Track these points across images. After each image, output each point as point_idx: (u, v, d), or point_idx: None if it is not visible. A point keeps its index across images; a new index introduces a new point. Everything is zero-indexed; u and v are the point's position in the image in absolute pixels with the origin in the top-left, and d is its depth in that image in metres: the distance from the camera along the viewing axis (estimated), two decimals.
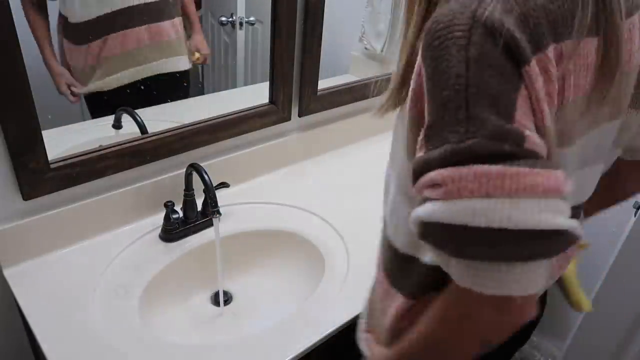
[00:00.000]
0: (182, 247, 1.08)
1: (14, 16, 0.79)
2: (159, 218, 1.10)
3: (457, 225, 0.45)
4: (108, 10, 1.02)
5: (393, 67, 0.63)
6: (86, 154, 0.99)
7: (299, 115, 1.35)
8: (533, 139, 0.45)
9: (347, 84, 1.44)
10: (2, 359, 1.10)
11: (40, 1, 0.97)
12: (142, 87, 1.14)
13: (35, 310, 0.89)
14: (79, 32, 1.02)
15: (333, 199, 1.26)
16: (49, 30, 0.99)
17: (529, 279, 0.45)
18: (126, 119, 1.14)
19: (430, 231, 0.48)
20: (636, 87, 0.62)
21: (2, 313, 1.04)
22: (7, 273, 0.96)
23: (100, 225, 1.07)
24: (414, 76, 0.54)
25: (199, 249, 1.09)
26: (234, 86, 1.45)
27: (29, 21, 0.96)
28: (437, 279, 0.56)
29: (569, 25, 0.49)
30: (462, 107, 0.45)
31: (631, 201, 1.38)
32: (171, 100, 1.20)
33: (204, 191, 1.02)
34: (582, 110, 0.54)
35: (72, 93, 1.03)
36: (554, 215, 0.44)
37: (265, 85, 1.27)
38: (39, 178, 0.93)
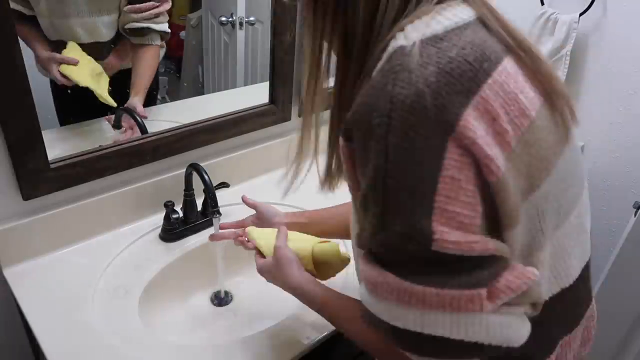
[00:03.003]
0: (182, 247, 1.08)
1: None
2: (159, 218, 1.10)
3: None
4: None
5: None
6: (86, 154, 0.99)
7: (299, 115, 1.35)
8: (445, 239, 0.45)
9: None
10: (2, 358, 1.10)
11: (26, 16, 0.97)
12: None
13: (35, 310, 0.89)
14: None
15: (333, 199, 1.26)
16: (34, 29, 1.00)
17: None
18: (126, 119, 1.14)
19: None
20: None
21: (2, 313, 1.04)
22: (7, 273, 0.96)
23: (100, 225, 1.07)
24: (343, 158, 0.53)
25: (199, 249, 1.09)
26: (234, 86, 1.45)
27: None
28: None
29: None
30: (379, 200, 0.47)
31: (631, 201, 1.38)
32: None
33: (204, 191, 1.02)
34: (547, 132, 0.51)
35: (62, 75, 1.03)
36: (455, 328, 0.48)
37: (265, 85, 1.27)
38: (39, 178, 0.93)
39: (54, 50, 1.03)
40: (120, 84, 1.14)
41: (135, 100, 1.12)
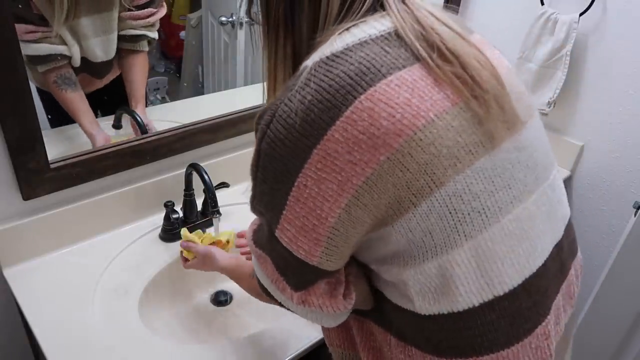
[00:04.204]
0: None
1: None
2: (159, 218, 1.10)
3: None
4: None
5: None
6: (86, 154, 0.99)
7: None
8: (283, 233, 0.56)
9: None
10: (2, 359, 1.10)
11: (66, 75, 1.01)
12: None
13: (35, 310, 0.89)
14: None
15: None
16: (85, 99, 1.05)
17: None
18: (126, 119, 1.14)
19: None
20: None
21: (2, 313, 1.04)
22: (7, 273, 0.96)
23: (100, 225, 1.07)
24: None
25: None
26: (234, 86, 1.45)
27: (62, 104, 1.02)
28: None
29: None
30: (252, 185, 0.58)
31: (631, 201, 1.38)
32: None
33: (204, 191, 1.02)
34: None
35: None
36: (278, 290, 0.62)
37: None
38: (39, 178, 0.93)
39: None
40: (114, 88, 1.15)
41: (139, 111, 1.13)
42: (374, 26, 0.53)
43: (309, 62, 0.53)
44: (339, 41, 0.53)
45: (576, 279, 0.70)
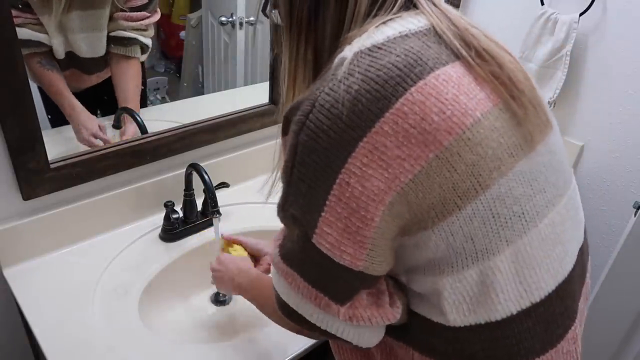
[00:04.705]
0: (182, 247, 1.08)
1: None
2: (159, 218, 1.10)
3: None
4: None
5: None
6: (86, 154, 0.99)
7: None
8: (323, 238, 0.51)
9: None
10: (2, 358, 1.10)
11: (50, 58, 0.99)
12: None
13: (35, 310, 0.89)
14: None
15: None
16: (64, 81, 1.03)
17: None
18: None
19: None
20: None
21: (2, 313, 1.04)
22: (7, 273, 0.96)
23: (100, 225, 1.07)
24: None
25: (199, 249, 1.09)
26: (234, 86, 1.45)
27: (43, 82, 1.00)
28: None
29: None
30: (285, 185, 0.54)
31: (631, 201, 1.38)
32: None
33: (204, 191, 1.02)
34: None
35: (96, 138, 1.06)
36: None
37: (265, 85, 1.27)
38: (39, 178, 0.93)
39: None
40: (108, 88, 1.14)
41: (127, 122, 1.12)
42: (412, 22, 0.52)
43: (348, 53, 0.51)
44: (378, 33, 0.51)
45: (589, 279, 0.70)
